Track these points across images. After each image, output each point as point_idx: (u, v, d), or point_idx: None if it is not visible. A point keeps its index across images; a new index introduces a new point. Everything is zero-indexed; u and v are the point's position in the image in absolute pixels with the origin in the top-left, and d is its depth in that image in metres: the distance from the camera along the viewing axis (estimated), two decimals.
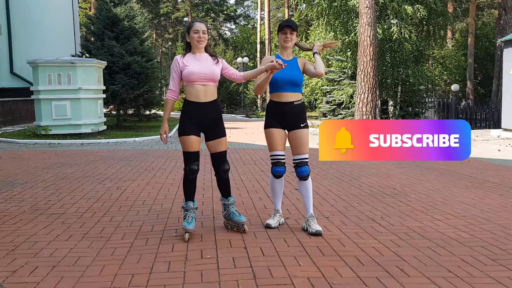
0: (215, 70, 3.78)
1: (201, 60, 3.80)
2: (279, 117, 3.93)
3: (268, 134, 3.97)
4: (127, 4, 16.70)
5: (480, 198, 5.22)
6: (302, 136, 3.91)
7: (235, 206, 3.98)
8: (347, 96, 19.22)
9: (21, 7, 16.94)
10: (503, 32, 22.55)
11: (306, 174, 3.88)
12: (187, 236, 3.71)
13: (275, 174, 4.00)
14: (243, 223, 3.88)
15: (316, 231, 3.79)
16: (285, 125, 3.94)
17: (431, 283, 2.84)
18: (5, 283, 2.87)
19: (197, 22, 3.82)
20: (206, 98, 3.76)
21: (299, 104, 3.95)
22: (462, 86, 27.71)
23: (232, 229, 3.95)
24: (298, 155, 3.91)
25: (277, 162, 3.97)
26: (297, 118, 3.92)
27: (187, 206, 3.83)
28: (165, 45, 54.27)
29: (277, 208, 4.12)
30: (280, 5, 46.95)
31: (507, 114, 13.95)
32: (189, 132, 3.73)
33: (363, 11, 14.30)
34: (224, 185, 3.94)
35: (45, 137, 11.73)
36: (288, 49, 3.99)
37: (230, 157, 8.82)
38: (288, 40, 3.92)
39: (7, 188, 5.72)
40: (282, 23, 4.01)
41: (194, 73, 3.72)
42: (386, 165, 7.79)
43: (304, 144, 3.91)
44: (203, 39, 3.78)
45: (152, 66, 16.40)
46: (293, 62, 3.96)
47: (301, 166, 3.88)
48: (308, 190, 3.93)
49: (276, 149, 3.95)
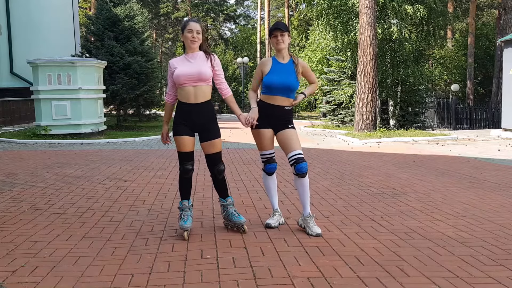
0: (202, 70, 3.69)
1: (192, 60, 3.75)
2: (268, 118, 3.92)
3: (256, 134, 3.98)
4: (127, 4, 16.71)
5: (480, 198, 5.22)
6: (291, 134, 3.91)
7: (234, 206, 3.97)
8: (347, 96, 19.22)
9: (21, 7, 16.94)
10: (503, 32, 22.55)
11: (306, 170, 3.84)
12: (186, 235, 3.72)
13: (268, 172, 4.03)
14: (242, 224, 3.87)
15: (317, 234, 3.78)
16: (273, 126, 3.95)
17: (431, 283, 2.84)
18: (5, 283, 2.87)
19: (192, 21, 3.77)
20: (197, 99, 3.71)
21: (289, 109, 3.96)
22: (462, 86, 27.72)
23: (232, 229, 3.95)
24: (293, 151, 3.86)
25: (268, 159, 4.01)
26: (285, 121, 3.93)
27: (182, 206, 3.84)
28: (165, 45, 54.28)
29: (275, 207, 4.12)
30: (280, 5, 46.97)
31: (507, 114, 13.95)
32: (181, 133, 3.74)
33: (363, 11, 14.30)
34: (221, 186, 3.91)
35: (45, 137, 11.73)
36: (283, 51, 3.93)
37: (230, 157, 8.82)
38: (280, 42, 3.87)
39: (7, 188, 5.72)
40: (271, 27, 3.96)
41: (180, 75, 3.68)
42: (386, 165, 7.79)
43: (296, 140, 3.91)
44: (196, 39, 3.73)
45: (152, 66, 16.41)
46: (289, 66, 3.92)
47: (300, 163, 3.82)
48: (305, 187, 3.89)
49: (266, 148, 3.98)
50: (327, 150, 10.15)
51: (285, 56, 3.96)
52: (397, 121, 19.12)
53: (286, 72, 3.88)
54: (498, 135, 13.72)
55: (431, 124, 21.81)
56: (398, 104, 19.05)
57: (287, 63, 3.94)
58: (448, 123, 22.08)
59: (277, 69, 3.91)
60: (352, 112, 18.36)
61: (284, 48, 3.93)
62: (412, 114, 18.98)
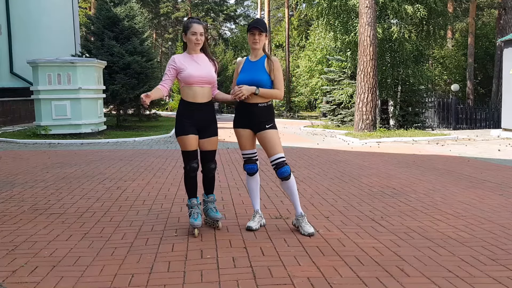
0: (213, 75, 3.84)
1: (199, 61, 3.82)
2: (244, 118, 3.89)
3: (236, 134, 3.98)
4: (127, 4, 16.70)
5: (480, 198, 5.22)
6: (270, 136, 3.83)
7: (215, 203, 4.03)
8: (346, 96, 19.22)
9: (21, 7, 16.94)
10: (503, 32, 22.56)
11: (287, 174, 3.81)
12: (196, 232, 3.80)
13: (247, 172, 3.99)
14: (218, 219, 3.95)
15: (309, 234, 3.77)
16: (250, 126, 3.88)
17: (431, 283, 2.84)
18: (5, 283, 2.87)
19: (195, 23, 3.76)
20: (203, 99, 3.81)
21: (265, 106, 3.85)
22: (462, 86, 27.72)
23: (209, 225, 4.02)
24: (272, 156, 3.83)
25: (248, 159, 3.96)
26: (262, 119, 3.85)
27: (191, 203, 3.89)
28: (165, 45, 54.28)
29: (256, 208, 4.05)
30: (280, 5, 46.95)
31: (507, 114, 13.94)
32: (188, 132, 3.77)
33: (363, 11, 14.30)
34: (209, 183, 4.02)
35: (45, 137, 11.73)
36: (256, 51, 3.88)
37: (230, 157, 8.82)
38: (257, 42, 3.81)
39: (7, 188, 5.72)
40: (251, 23, 3.88)
41: (192, 76, 3.74)
42: (386, 165, 7.79)
43: (275, 144, 3.83)
44: (200, 41, 3.78)
45: (152, 66, 16.40)
46: (259, 63, 3.87)
47: (280, 167, 3.79)
48: (291, 188, 3.86)
49: (244, 148, 3.96)
50: (327, 150, 10.15)
51: (258, 55, 3.90)
52: (397, 121, 19.12)
53: (254, 69, 3.83)
54: (498, 135, 13.72)
55: (431, 124, 21.81)
56: (398, 104, 19.05)
57: (258, 60, 3.88)
58: (448, 123, 22.08)
59: (247, 67, 3.89)
60: (352, 112, 18.35)
61: (259, 49, 3.87)
62: (412, 114, 18.98)
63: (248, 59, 3.94)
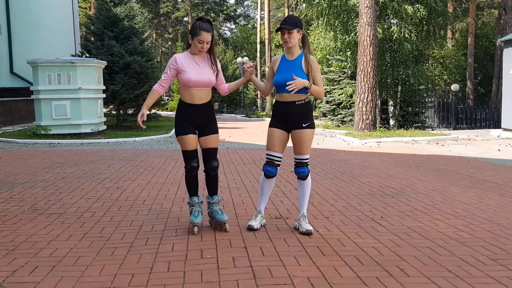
0: (212, 79, 3.85)
1: (200, 64, 3.81)
2: (282, 117, 3.84)
3: (269, 133, 3.92)
4: (127, 4, 16.70)
5: (480, 198, 5.22)
6: (303, 136, 3.80)
7: (219, 205, 4.01)
8: (346, 96, 19.22)
9: (21, 7, 16.94)
10: (503, 32, 22.57)
11: (304, 174, 3.84)
12: (196, 230, 3.82)
13: (265, 174, 3.91)
14: (224, 221, 3.92)
15: (307, 230, 3.78)
16: (287, 125, 3.83)
17: (431, 283, 2.84)
18: (5, 283, 2.87)
19: (204, 32, 3.66)
20: (201, 100, 3.83)
21: (302, 104, 3.79)
22: (462, 86, 27.73)
23: (216, 228, 3.98)
24: (298, 155, 3.86)
25: (270, 161, 3.88)
26: (299, 118, 3.79)
27: (192, 202, 3.92)
28: (165, 45, 54.29)
29: (259, 209, 4.05)
30: (280, 5, 46.94)
31: (507, 114, 13.95)
32: (187, 132, 3.80)
33: (363, 11, 14.30)
34: (212, 183, 4.00)
35: (45, 137, 11.72)
36: (291, 49, 3.79)
37: (230, 157, 8.82)
38: (287, 41, 3.75)
39: (7, 188, 5.72)
40: (281, 23, 3.81)
41: (192, 81, 3.76)
42: (386, 165, 7.79)
43: (304, 145, 3.82)
44: (205, 50, 3.78)
45: (152, 66, 16.40)
46: (296, 63, 3.78)
47: (299, 167, 3.84)
48: (305, 189, 3.89)
49: (272, 149, 3.86)
50: (327, 150, 10.15)
51: (294, 54, 3.81)
52: (397, 121, 19.12)
53: (291, 68, 3.75)
54: (498, 135, 13.72)
55: (431, 124, 21.82)
56: (398, 104, 19.05)
57: (295, 59, 3.80)
58: (448, 123, 22.09)
59: (284, 67, 3.81)
60: (352, 112, 18.35)
61: (292, 47, 3.78)
62: (412, 114, 18.97)
63: (284, 57, 3.85)
